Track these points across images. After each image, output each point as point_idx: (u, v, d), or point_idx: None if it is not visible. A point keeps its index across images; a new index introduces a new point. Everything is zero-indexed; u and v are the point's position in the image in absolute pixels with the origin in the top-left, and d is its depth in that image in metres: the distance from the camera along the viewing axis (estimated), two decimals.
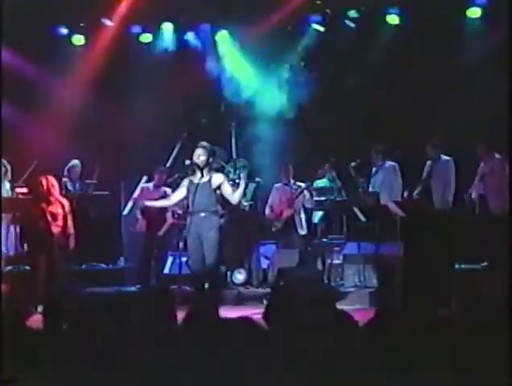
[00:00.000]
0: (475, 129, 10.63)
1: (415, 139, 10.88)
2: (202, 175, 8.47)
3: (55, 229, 9.38)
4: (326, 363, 3.31)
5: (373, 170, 11.16)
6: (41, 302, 5.10)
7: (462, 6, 11.82)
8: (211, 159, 8.53)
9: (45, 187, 9.38)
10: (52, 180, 9.53)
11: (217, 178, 8.52)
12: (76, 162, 11.54)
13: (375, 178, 11.06)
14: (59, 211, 9.42)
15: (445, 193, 10.59)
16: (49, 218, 9.35)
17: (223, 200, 8.81)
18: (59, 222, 9.41)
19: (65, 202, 9.56)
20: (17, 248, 10.22)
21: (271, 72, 12.25)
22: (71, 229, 9.48)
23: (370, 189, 11.01)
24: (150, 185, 11.07)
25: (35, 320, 4.22)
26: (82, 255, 11.03)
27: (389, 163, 11.05)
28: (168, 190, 10.79)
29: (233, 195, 8.55)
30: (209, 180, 8.46)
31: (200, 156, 8.47)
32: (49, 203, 9.39)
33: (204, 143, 8.57)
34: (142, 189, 11.04)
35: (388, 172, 11.03)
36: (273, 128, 11.94)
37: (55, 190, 9.50)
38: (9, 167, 10.73)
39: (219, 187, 8.48)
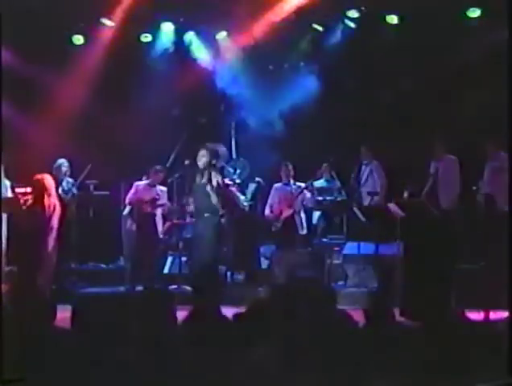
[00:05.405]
0: (475, 129, 10.63)
1: (416, 139, 10.88)
2: (203, 177, 8.49)
3: (47, 229, 9.27)
4: (326, 362, 3.31)
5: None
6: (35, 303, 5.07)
7: (462, 6, 11.81)
8: (214, 161, 8.50)
9: (40, 186, 9.30)
10: (48, 179, 9.45)
11: (215, 179, 8.49)
12: (62, 160, 11.23)
13: None
14: (52, 210, 9.30)
15: (450, 192, 10.56)
16: (40, 218, 9.25)
17: (223, 200, 8.80)
18: (52, 222, 9.29)
19: (57, 201, 9.44)
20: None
21: (271, 72, 12.24)
22: (57, 229, 9.32)
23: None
24: (144, 184, 11.00)
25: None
26: (82, 255, 11.03)
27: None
28: (163, 188, 10.78)
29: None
30: (208, 182, 8.46)
31: (202, 157, 8.47)
32: (42, 203, 9.28)
33: (209, 145, 8.54)
34: (137, 188, 10.97)
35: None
36: (273, 128, 11.93)
37: (51, 190, 9.39)
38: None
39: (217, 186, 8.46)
